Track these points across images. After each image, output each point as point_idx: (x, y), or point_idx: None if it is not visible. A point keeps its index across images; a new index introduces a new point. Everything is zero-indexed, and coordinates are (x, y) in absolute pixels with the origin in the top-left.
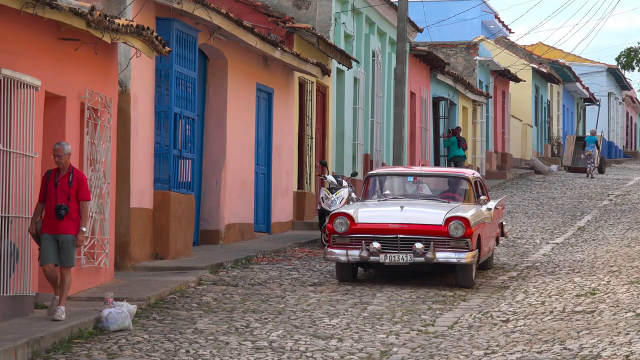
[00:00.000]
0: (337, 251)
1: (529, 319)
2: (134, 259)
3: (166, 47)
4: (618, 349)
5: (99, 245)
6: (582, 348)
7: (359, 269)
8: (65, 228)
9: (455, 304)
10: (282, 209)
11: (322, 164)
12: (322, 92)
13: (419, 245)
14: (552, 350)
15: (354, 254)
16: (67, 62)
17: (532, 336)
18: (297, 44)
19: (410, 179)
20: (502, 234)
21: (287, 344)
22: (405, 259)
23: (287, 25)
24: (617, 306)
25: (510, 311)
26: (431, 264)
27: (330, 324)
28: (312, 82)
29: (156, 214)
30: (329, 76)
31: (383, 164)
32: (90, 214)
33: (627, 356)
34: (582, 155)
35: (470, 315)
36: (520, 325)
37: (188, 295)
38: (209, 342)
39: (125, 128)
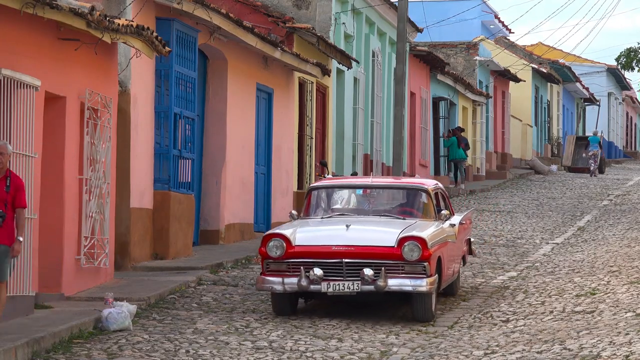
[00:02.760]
0: (271, 279)
1: (529, 319)
2: (134, 259)
3: (166, 47)
4: (618, 349)
5: (99, 245)
6: (582, 348)
7: (300, 299)
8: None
9: (455, 304)
10: (282, 209)
11: (322, 164)
12: (322, 92)
13: (368, 272)
14: (552, 350)
15: (292, 282)
16: (67, 62)
17: (532, 336)
18: (297, 44)
19: (360, 191)
20: (470, 252)
21: (287, 344)
22: (351, 287)
23: (287, 25)
24: (617, 306)
25: (510, 311)
26: (382, 293)
27: (330, 324)
28: (312, 82)
29: (156, 214)
30: (329, 76)
31: (383, 165)
32: (90, 214)
33: (627, 356)
34: (585, 155)
35: (470, 315)
36: (520, 325)
37: (188, 295)
38: (209, 342)
39: (125, 128)
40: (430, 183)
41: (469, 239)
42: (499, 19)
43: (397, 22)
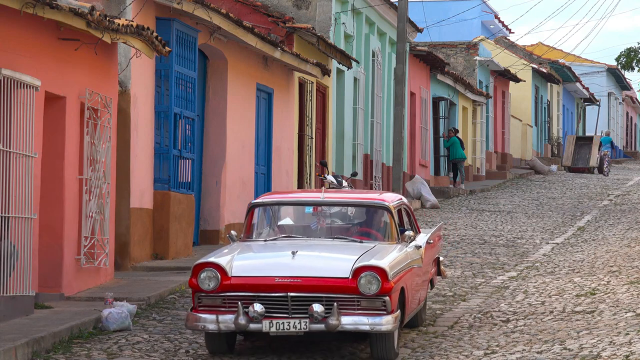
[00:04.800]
0: (203, 316)
1: (529, 319)
2: (134, 259)
3: (166, 47)
4: (618, 349)
5: (99, 245)
6: (582, 348)
7: (238, 336)
8: None
9: (455, 304)
10: None
11: (322, 164)
12: (322, 92)
13: (317, 308)
14: (552, 350)
15: (227, 320)
16: (67, 62)
17: (532, 336)
18: (297, 44)
19: (309, 209)
20: (439, 273)
21: (287, 344)
22: (298, 326)
23: (287, 25)
24: (617, 306)
25: (510, 311)
26: (335, 332)
27: None
28: (312, 82)
29: (156, 214)
30: (329, 76)
31: (383, 165)
32: (90, 214)
33: (627, 356)
34: (598, 155)
35: (470, 315)
36: (520, 325)
37: (188, 295)
38: None
39: (125, 128)
40: (392, 198)
41: (438, 258)
42: (499, 19)
43: (397, 22)
